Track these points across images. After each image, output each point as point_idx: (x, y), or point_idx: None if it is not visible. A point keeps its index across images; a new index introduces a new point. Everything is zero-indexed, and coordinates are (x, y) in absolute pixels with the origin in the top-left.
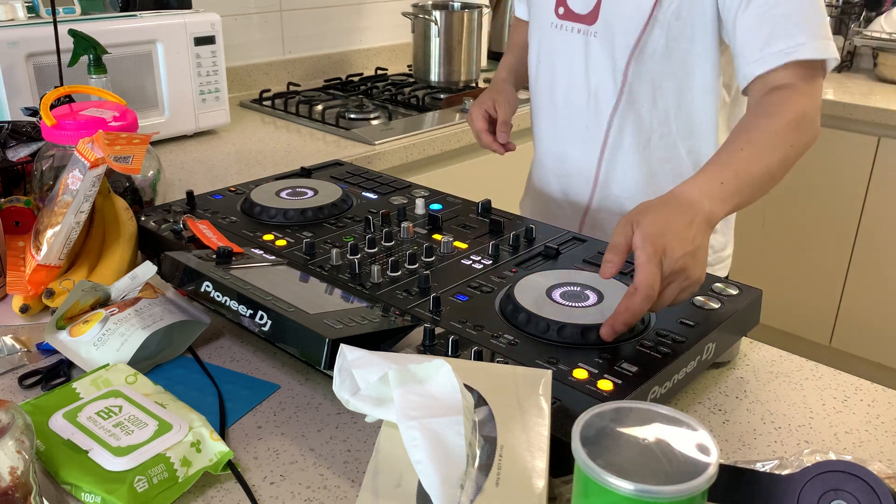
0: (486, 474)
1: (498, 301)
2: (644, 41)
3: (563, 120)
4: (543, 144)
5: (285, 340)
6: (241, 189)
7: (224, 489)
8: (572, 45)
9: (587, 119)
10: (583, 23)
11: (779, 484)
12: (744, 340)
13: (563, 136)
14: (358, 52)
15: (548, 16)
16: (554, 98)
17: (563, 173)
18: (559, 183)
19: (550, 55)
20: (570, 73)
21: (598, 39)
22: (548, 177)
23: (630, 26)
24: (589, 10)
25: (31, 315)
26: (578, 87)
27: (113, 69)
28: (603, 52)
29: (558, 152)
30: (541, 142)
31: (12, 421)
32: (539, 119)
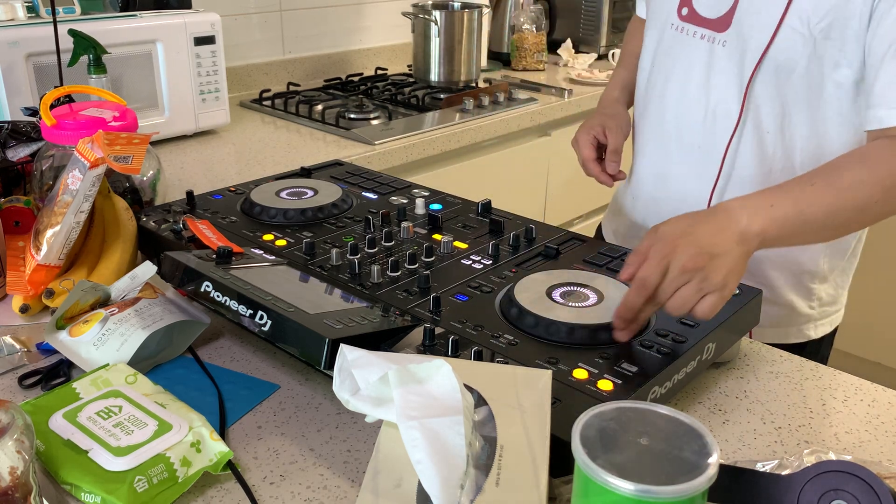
0: (486, 474)
1: (498, 301)
2: (777, 53)
3: (671, 137)
4: (644, 161)
5: (285, 340)
6: (241, 189)
7: (224, 489)
8: (693, 53)
9: (700, 139)
10: (710, 28)
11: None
12: (744, 340)
13: (670, 154)
14: (358, 52)
15: (669, 15)
16: (664, 110)
17: (662, 197)
18: (656, 207)
19: (666, 61)
20: (687, 83)
21: (725, 50)
22: (643, 198)
23: (763, 36)
24: (720, 15)
25: (31, 315)
26: (695, 102)
27: (113, 69)
28: (730, 64)
29: (661, 173)
30: (641, 157)
31: (12, 421)
32: (642, 131)
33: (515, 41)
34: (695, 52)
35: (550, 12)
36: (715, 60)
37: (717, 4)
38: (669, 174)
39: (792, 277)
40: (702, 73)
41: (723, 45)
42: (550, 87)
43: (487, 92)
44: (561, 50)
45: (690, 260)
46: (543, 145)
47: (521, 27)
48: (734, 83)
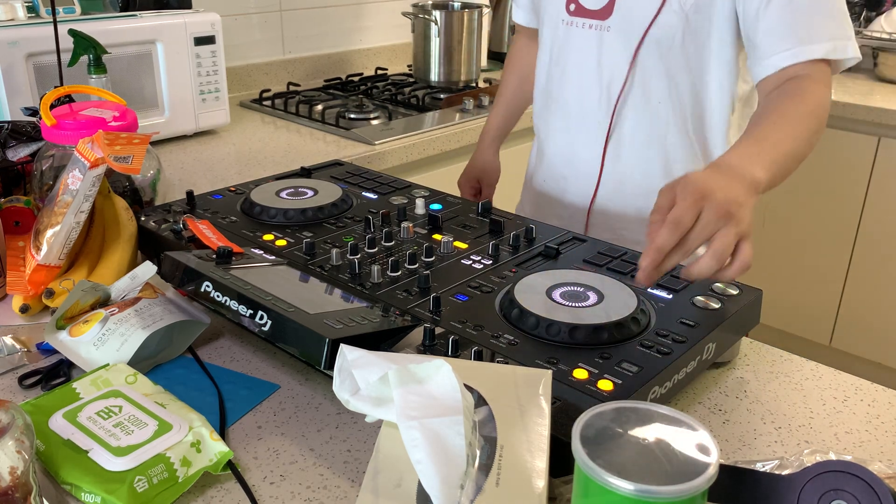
0: (486, 474)
1: (498, 301)
2: (658, 30)
3: (574, 119)
4: (551, 144)
5: (285, 340)
6: (241, 189)
7: (224, 489)
8: (585, 42)
9: (599, 116)
10: (595, 18)
11: (779, 484)
12: (744, 340)
13: (574, 135)
14: (358, 52)
15: (558, 13)
16: (565, 97)
17: (569, 174)
18: (564, 183)
19: (562, 54)
20: (582, 70)
21: (611, 34)
22: (554, 178)
23: (646, 16)
24: (603, 5)
25: (31, 315)
26: (591, 84)
27: (113, 69)
28: (617, 44)
29: (567, 152)
30: (548, 142)
31: (12, 421)
32: (547, 119)
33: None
34: (585, 41)
35: None
36: (604, 45)
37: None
38: (576, 152)
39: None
40: (594, 57)
41: (608, 30)
42: None
43: (487, 92)
44: None
45: (722, 206)
46: None
47: None
48: (623, 60)
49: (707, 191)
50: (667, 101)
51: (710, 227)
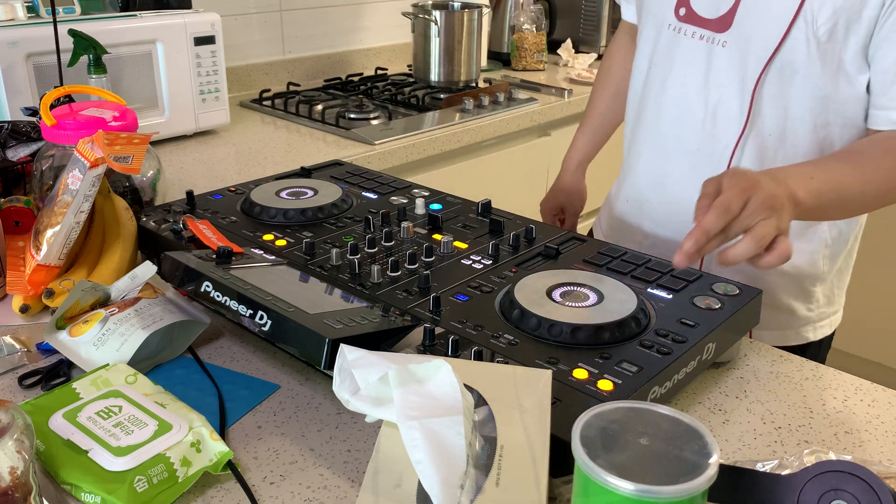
0: (486, 474)
1: (498, 301)
2: (782, 55)
3: (669, 139)
4: (639, 164)
5: (285, 340)
6: (241, 189)
7: (224, 489)
8: (692, 54)
9: (699, 142)
10: (709, 29)
11: (779, 484)
12: (744, 340)
13: (668, 157)
14: (358, 52)
15: (665, 16)
16: (660, 112)
17: (657, 199)
18: (651, 209)
19: (664, 62)
20: (686, 85)
21: (726, 50)
22: (637, 200)
23: (770, 39)
24: (720, 15)
25: (31, 315)
26: (694, 103)
27: (113, 69)
28: (730, 64)
29: (657, 175)
30: (636, 160)
31: (12, 421)
32: (638, 133)
33: (515, 41)
34: (693, 53)
35: (550, 12)
36: (714, 61)
37: (716, 4)
38: (666, 177)
39: (791, 280)
40: (701, 74)
41: (723, 45)
42: (550, 87)
43: (487, 92)
44: (561, 50)
45: (769, 199)
46: (543, 145)
47: (521, 27)
48: (735, 84)
49: (755, 182)
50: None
51: (756, 216)
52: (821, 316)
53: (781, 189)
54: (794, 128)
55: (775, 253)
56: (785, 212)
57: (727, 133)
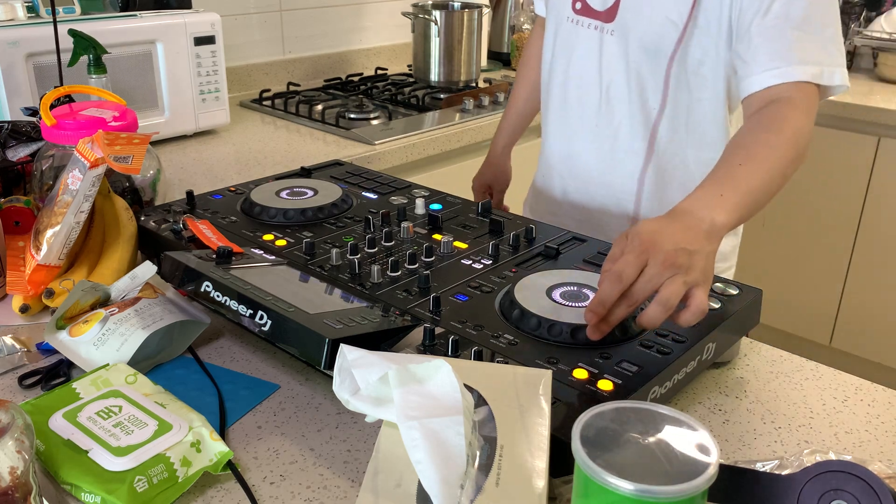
0: (486, 474)
1: (498, 301)
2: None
3: (573, 118)
4: (550, 142)
5: (285, 340)
6: (241, 189)
7: (224, 489)
8: (587, 42)
9: (597, 118)
10: (599, 19)
11: (779, 484)
12: (744, 340)
13: (573, 134)
14: (358, 52)
15: (564, 10)
16: (566, 95)
17: (568, 173)
18: (563, 183)
19: (565, 50)
20: (583, 69)
21: (614, 38)
22: (553, 176)
23: (650, 30)
24: (607, 7)
25: (31, 315)
26: (591, 85)
27: (113, 69)
28: (618, 50)
29: (565, 151)
30: (548, 139)
31: (12, 421)
32: (549, 116)
33: (515, 41)
34: (588, 42)
35: None
36: (605, 48)
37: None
38: (573, 153)
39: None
40: (595, 59)
41: (611, 33)
42: None
43: (487, 92)
44: None
45: (670, 256)
46: None
47: (521, 27)
48: (622, 67)
49: (653, 243)
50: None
51: (655, 280)
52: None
53: (692, 233)
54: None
55: (690, 309)
56: (696, 257)
57: (619, 112)
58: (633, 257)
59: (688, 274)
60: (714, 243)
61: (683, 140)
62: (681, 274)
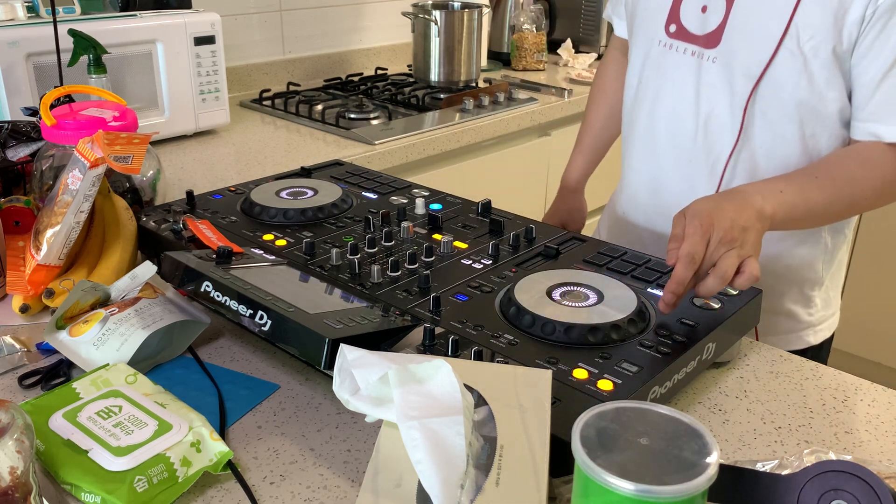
0: (486, 474)
1: (498, 301)
2: (770, 72)
3: (663, 150)
4: (634, 173)
5: (285, 340)
6: (241, 189)
7: (224, 489)
8: (683, 69)
9: (691, 153)
10: (698, 45)
11: (779, 484)
12: (744, 340)
13: (662, 168)
14: (358, 52)
15: (656, 32)
16: (654, 125)
17: (653, 209)
18: (648, 218)
19: (654, 77)
20: (677, 99)
21: (715, 66)
22: (636, 209)
23: (758, 55)
24: (709, 32)
25: (31, 315)
26: (685, 117)
27: (113, 69)
28: (720, 79)
29: (653, 185)
30: (632, 170)
31: (12, 421)
32: (632, 145)
33: (515, 41)
34: (683, 69)
35: (550, 12)
36: (704, 76)
37: (705, 21)
38: (662, 186)
39: (793, 286)
40: (692, 88)
41: (712, 61)
42: (550, 87)
43: (487, 92)
44: (561, 50)
45: (728, 232)
46: (543, 145)
47: (521, 27)
48: (725, 98)
49: (712, 222)
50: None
51: (716, 255)
52: (820, 319)
53: (745, 213)
54: (783, 140)
55: (744, 276)
56: (749, 235)
57: (718, 145)
58: (698, 238)
59: (742, 248)
60: (762, 224)
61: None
62: (736, 248)
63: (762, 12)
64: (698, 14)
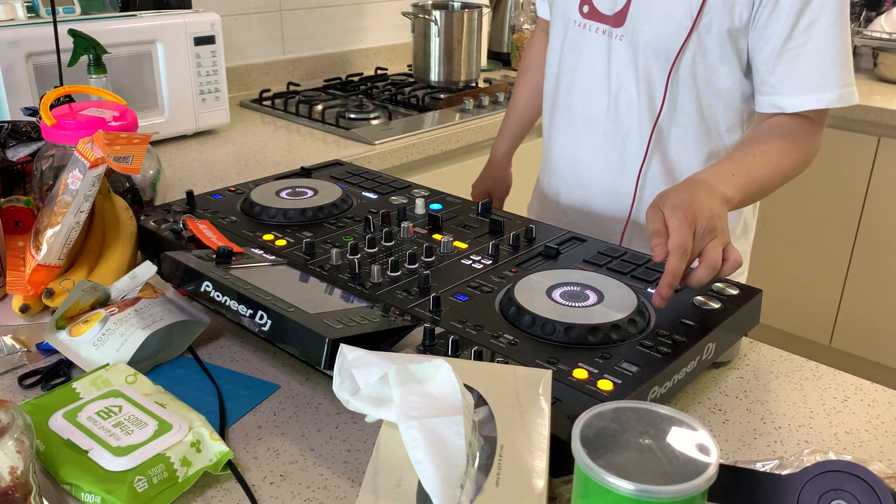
0: (486, 474)
1: (498, 301)
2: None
3: (580, 124)
4: (556, 148)
5: (285, 340)
6: (241, 189)
7: (224, 489)
8: (595, 47)
9: (605, 125)
10: (607, 24)
11: (779, 484)
12: (744, 340)
13: (578, 140)
14: (358, 52)
15: (572, 13)
16: (571, 100)
17: (573, 179)
18: (568, 188)
19: (571, 55)
20: (591, 75)
21: (623, 44)
22: (557, 182)
23: (660, 33)
24: (616, 11)
25: (31, 315)
26: (599, 91)
27: (113, 69)
28: (627, 57)
29: (570, 157)
30: (553, 144)
31: (12, 421)
32: (553, 121)
33: (515, 41)
34: (596, 47)
35: None
36: (613, 54)
37: (613, 1)
38: (579, 159)
39: None
40: (603, 65)
41: (619, 38)
42: None
43: (487, 92)
44: None
45: (710, 221)
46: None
47: (521, 27)
48: (631, 74)
49: (694, 211)
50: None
51: (703, 243)
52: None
53: (715, 199)
54: (685, 112)
55: (728, 263)
56: (723, 220)
57: (628, 118)
58: (686, 230)
59: (722, 235)
60: (727, 208)
61: (690, 144)
62: (718, 237)
63: None
64: None
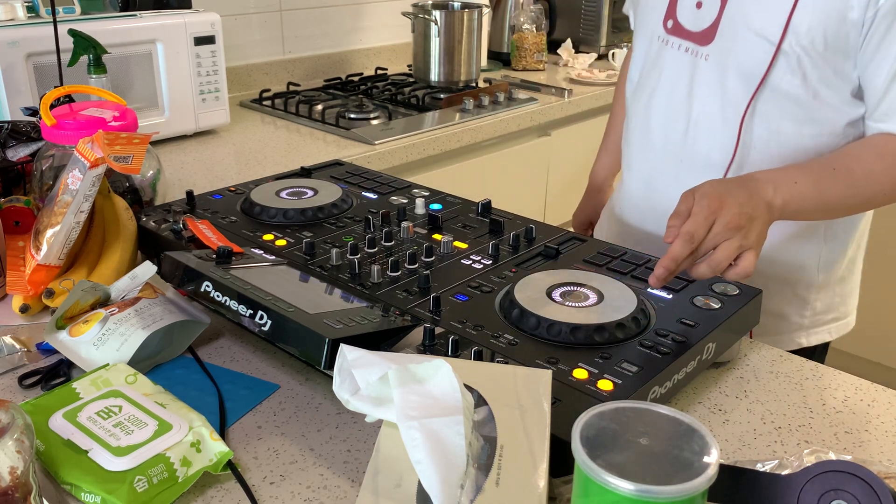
0: (486, 474)
1: (498, 301)
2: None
3: (656, 150)
4: (631, 172)
5: (285, 340)
6: (240, 189)
7: (224, 489)
8: (676, 65)
9: (682, 152)
10: (693, 41)
11: (779, 484)
12: (744, 340)
13: (656, 166)
14: (358, 52)
15: (655, 27)
16: (649, 122)
17: (648, 208)
18: (643, 217)
19: (652, 73)
20: (671, 96)
21: (709, 64)
22: (632, 207)
23: (752, 54)
24: (703, 28)
25: (31, 315)
26: (678, 114)
27: (113, 69)
28: (713, 78)
29: (647, 183)
30: (628, 166)
31: (12, 421)
32: (630, 140)
33: (515, 41)
34: (678, 65)
35: (550, 12)
36: (697, 74)
37: (700, 17)
38: (655, 185)
39: (784, 286)
40: (685, 86)
41: (705, 58)
42: (550, 87)
43: (487, 92)
44: (561, 50)
45: (735, 218)
46: (543, 145)
47: (521, 27)
48: (717, 97)
49: (720, 205)
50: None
51: (718, 239)
52: (815, 323)
53: (754, 201)
54: (779, 139)
55: (736, 270)
56: (755, 225)
57: (707, 146)
58: (702, 218)
59: (745, 237)
60: (770, 215)
61: None
62: (738, 237)
63: (757, 10)
64: (693, 10)
